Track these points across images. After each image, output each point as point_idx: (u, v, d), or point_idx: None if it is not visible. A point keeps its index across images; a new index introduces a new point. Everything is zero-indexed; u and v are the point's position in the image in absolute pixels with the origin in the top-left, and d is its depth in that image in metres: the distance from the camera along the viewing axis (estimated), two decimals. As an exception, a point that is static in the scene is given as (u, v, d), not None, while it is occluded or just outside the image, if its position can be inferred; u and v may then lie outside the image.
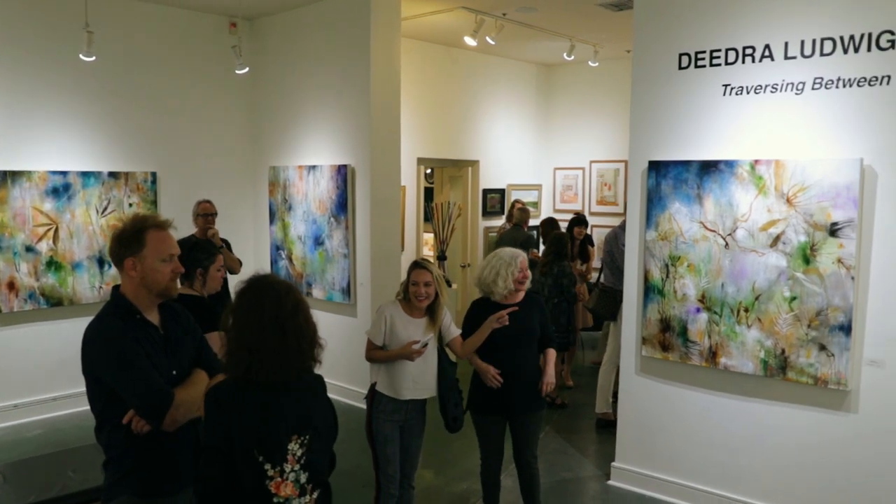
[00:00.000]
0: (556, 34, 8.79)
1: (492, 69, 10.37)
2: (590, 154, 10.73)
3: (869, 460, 4.37)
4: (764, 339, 4.60)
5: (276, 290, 2.45)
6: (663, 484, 5.22)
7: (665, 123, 5.04)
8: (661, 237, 4.98)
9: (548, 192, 11.22)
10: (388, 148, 7.23)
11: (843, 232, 4.27)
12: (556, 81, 11.16)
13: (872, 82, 4.23)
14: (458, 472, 5.77)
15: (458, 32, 8.45)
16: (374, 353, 4.25)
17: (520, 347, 4.40)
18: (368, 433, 4.31)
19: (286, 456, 2.40)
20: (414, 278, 4.20)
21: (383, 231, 7.23)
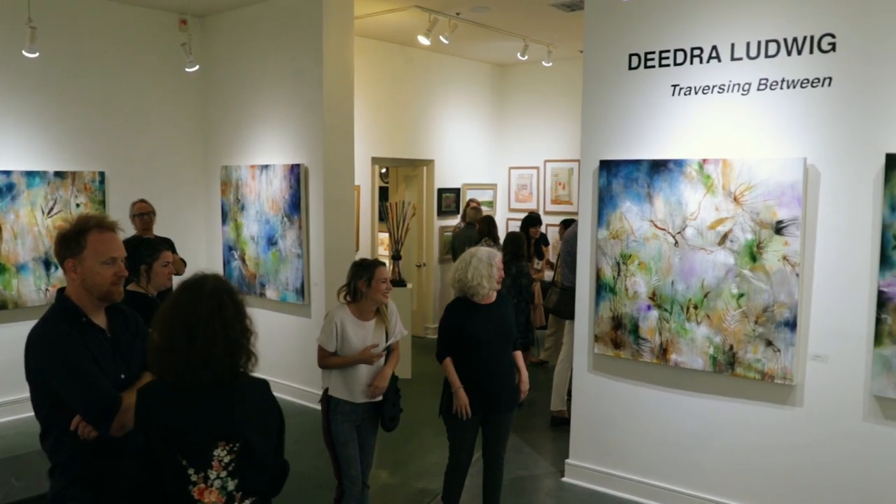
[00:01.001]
0: (509, 34, 8.83)
1: (446, 68, 10.37)
2: (544, 153, 10.80)
3: (813, 452, 4.48)
4: (713, 335, 4.68)
5: (211, 295, 2.38)
6: (617, 480, 5.28)
7: (616, 123, 5.09)
8: (613, 236, 5.04)
9: (503, 192, 11.27)
10: (342, 147, 7.19)
11: (788, 230, 4.37)
12: (511, 81, 11.20)
13: (815, 84, 4.33)
14: (413, 471, 5.76)
15: (412, 31, 8.43)
16: (330, 360, 4.20)
17: (501, 348, 4.44)
18: (327, 437, 4.26)
19: (211, 462, 2.33)
20: (380, 276, 4.20)
21: (337, 231, 7.19)
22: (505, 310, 4.52)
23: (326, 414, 4.25)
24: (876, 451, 4.26)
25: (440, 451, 6.11)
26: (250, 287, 7.71)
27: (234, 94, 7.82)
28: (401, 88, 9.75)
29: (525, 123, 11.02)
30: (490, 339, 4.40)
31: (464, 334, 4.39)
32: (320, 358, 4.23)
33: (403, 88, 9.79)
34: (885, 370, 4.12)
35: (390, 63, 9.58)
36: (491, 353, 4.40)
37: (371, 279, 4.18)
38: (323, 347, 4.21)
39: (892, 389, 4.10)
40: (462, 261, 4.46)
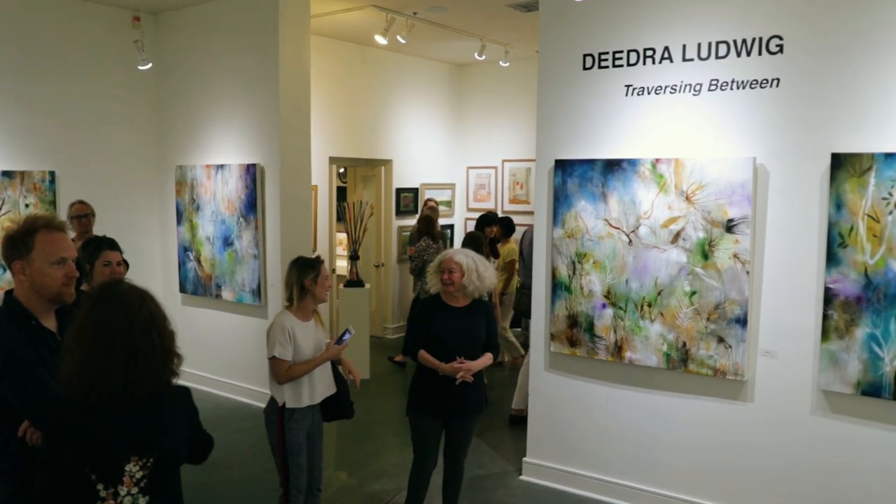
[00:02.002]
0: (467, 34, 8.85)
1: (404, 68, 10.35)
2: (502, 153, 10.84)
3: (764, 445, 4.56)
4: (666, 332, 4.74)
5: (128, 306, 2.29)
6: (574, 477, 5.32)
7: (570, 123, 5.13)
8: (568, 235, 5.07)
9: (461, 191, 11.29)
10: (299, 147, 7.13)
11: (739, 228, 4.44)
12: (469, 81, 11.23)
13: (763, 84, 4.41)
14: (371, 473, 5.74)
15: (369, 31, 8.40)
16: (294, 370, 4.05)
17: (466, 352, 4.33)
18: (280, 448, 4.15)
19: (122, 478, 2.26)
20: (325, 272, 4.19)
21: (294, 231, 7.13)
22: (476, 316, 4.41)
23: (280, 426, 4.13)
24: (823, 443, 4.36)
25: (398, 452, 6.11)
26: (206, 288, 7.62)
27: (188, 93, 7.71)
28: (359, 88, 9.71)
29: (483, 123, 11.05)
30: (455, 343, 4.30)
31: (431, 333, 4.33)
32: (281, 373, 4.03)
33: (361, 88, 9.75)
34: (831, 365, 4.21)
35: (348, 62, 9.53)
36: (449, 355, 4.29)
37: (318, 276, 4.14)
38: (282, 359, 4.03)
39: (838, 383, 4.20)
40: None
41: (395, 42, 8.41)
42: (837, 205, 4.13)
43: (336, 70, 9.33)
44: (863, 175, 4.05)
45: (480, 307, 4.44)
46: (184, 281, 7.86)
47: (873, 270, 4.05)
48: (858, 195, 4.07)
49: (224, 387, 7.55)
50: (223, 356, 7.52)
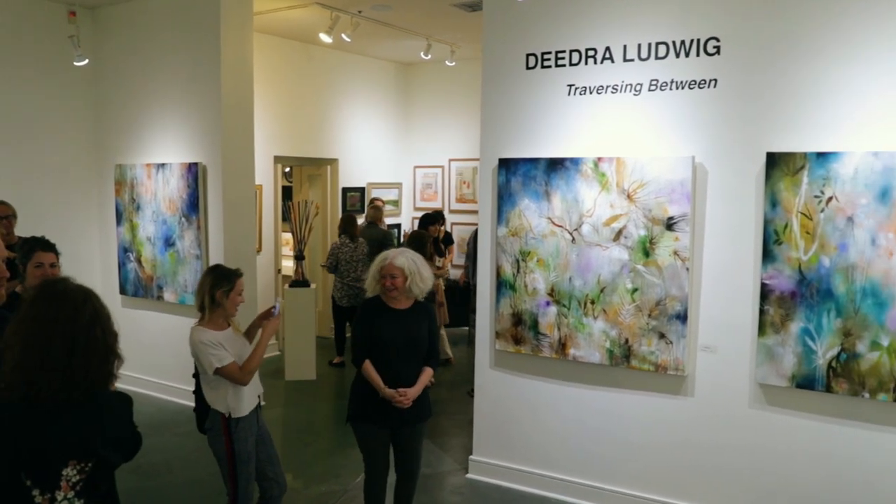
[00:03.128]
0: (412, 33, 8.84)
1: (350, 67, 10.29)
2: (449, 152, 10.86)
3: (704, 438, 4.65)
4: (609, 329, 4.80)
5: (72, 301, 2.24)
6: (520, 474, 5.35)
7: (514, 122, 5.15)
8: (512, 233, 5.10)
9: (408, 191, 11.27)
10: (242, 145, 7.03)
11: (679, 226, 4.52)
12: (415, 80, 11.22)
13: (702, 85, 4.50)
14: (316, 475, 5.68)
15: (314, 29, 8.33)
16: (248, 363, 3.94)
17: (410, 356, 4.22)
18: (230, 458, 4.03)
19: (59, 482, 2.20)
20: (239, 287, 4.02)
21: (237, 231, 7.03)
22: (420, 319, 4.28)
23: (228, 436, 4.01)
24: (761, 435, 4.47)
25: (343, 453, 6.07)
26: (147, 290, 7.45)
27: (128, 90, 7.53)
28: (304, 86, 9.62)
29: (430, 122, 11.06)
30: (399, 346, 4.17)
31: (374, 336, 4.17)
32: (239, 375, 3.91)
33: (307, 86, 9.66)
34: (767, 359, 4.32)
35: (292, 60, 9.43)
36: (400, 362, 4.18)
37: (231, 290, 3.97)
38: (228, 364, 3.90)
39: (774, 377, 4.31)
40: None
41: (340, 40, 8.36)
42: (772, 203, 4.23)
43: (280, 68, 9.23)
44: (796, 174, 4.15)
45: (423, 309, 4.33)
46: (124, 282, 7.68)
47: (807, 266, 4.16)
48: (792, 193, 4.18)
49: (166, 390, 7.40)
50: (165, 359, 7.36)
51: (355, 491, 5.35)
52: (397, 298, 4.23)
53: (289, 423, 6.97)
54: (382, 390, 4.11)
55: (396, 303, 4.24)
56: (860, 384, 4.08)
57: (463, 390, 7.52)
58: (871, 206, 3.97)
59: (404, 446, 4.33)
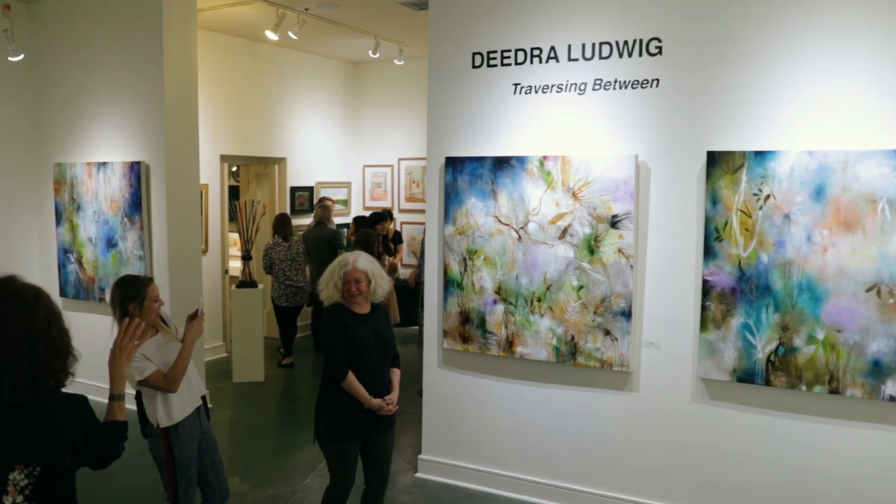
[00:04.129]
0: (360, 31, 8.79)
1: (298, 65, 10.20)
2: (398, 151, 10.83)
3: (650, 433, 4.72)
4: (555, 326, 4.83)
5: (24, 300, 2.20)
6: (469, 472, 5.36)
7: (460, 120, 5.16)
8: (459, 231, 5.10)
9: (357, 190, 11.21)
10: (186, 144, 6.89)
11: (623, 224, 4.58)
12: (364, 79, 11.16)
13: (644, 85, 4.56)
14: (263, 477, 5.61)
15: (260, 26, 8.22)
16: (170, 372, 3.84)
17: (383, 360, 4.12)
18: (169, 463, 3.93)
19: (6, 487, 2.15)
20: (152, 294, 3.89)
21: (182, 231, 6.89)
22: (383, 321, 4.19)
23: (167, 441, 3.90)
24: (703, 429, 4.55)
25: (290, 455, 6.01)
26: (88, 292, 7.28)
27: (67, 87, 7.33)
28: (251, 84, 9.49)
29: (379, 121, 11.01)
30: (373, 351, 4.03)
31: (350, 344, 3.98)
32: (164, 382, 3.81)
33: (253, 84, 9.54)
34: (709, 354, 4.40)
35: (238, 58, 9.30)
36: (376, 367, 4.06)
37: (143, 300, 3.85)
38: (151, 374, 3.80)
39: (716, 371, 4.39)
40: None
41: (286, 38, 8.27)
42: (713, 200, 4.31)
43: (226, 66, 9.10)
44: (735, 172, 4.24)
45: (382, 311, 4.25)
46: (64, 284, 7.48)
47: (746, 263, 4.25)
48: (732, 191, 4.26)
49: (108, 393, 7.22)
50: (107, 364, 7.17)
51: (304, 493, 5.31)
52: (360, 302, 4.08)
53: (236, 425, 6.87)
54: (370, 402, 3.96)
55: (360, 307, 4.09)
56: (797, 377, 4.18)
57: (412, 390, 7.51)
58: (806, 203, 4.07)
59: (378, 452, 4.19)
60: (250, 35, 9.07)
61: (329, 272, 4.10)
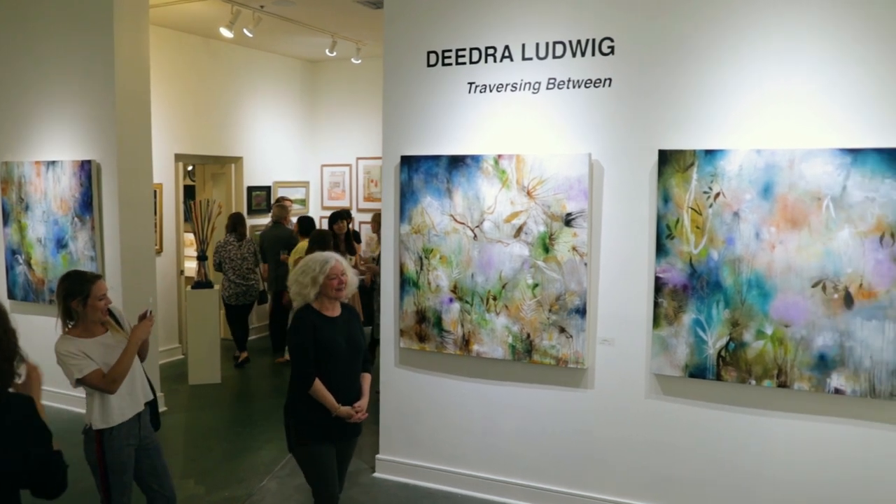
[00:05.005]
0: (317, 30, 8.73)
1: (254, 63, 10.09)
2: (356, 151, 10.79)
3: (605, 429, 4.77)
4: (511, 324, 4.85)
5: None
6: (427, 471, 5.35)
7: (416, 119, 5.15)
8: (415, 230, 5.10)
9: (315, 190, 11.14)
10: (139, 143, 6.78)
11: (577, 222, 4.61)
12: (322, 78, 11.09)
13: (597, 84, 4.60)
14: (219, 480, 5.54)
15: (214, 23, 8.13)
16: (110, 372, 3.74)
17: (353, 364, 4.02)
18: (101, 467, 3.85)
19: None
20: (98, 293, 3.79)
21: (135, 231, 6.77)
22: (355, 323, 4.10)
23: (100, 445, 3.83)
24: (657, 424, 4.61)
25: (247, 457, 5.96)
26: (38, 294, 7.12)
27: (13, 83, 7.15)
28: (206, 82, 9.37)
29: (337, 121, 10.96)
30: (345, 357, 3.94)
31: (319, 348, 3.88)
32: (103, 382, 3.72)
33: (209, 82, 9.42)
34: (662, 350, 4.46)
35: (193, 55, 9.17)
36: (347, 372, 3.97)
37: (87, 297, 3.75)
38: (90, 373, 3.71)
39: (668, 367, 4.45)
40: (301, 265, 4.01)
41: (242, 36, 8.19)
42: (665, 198, 4.37)
43: (181, 63, 8.97)
44: (686, 170, 4.30)
45: (354, 313, 4.16)
46: (12, 286, 7.31)
47: (697, 260, 4.32)
48: (683, 189, 4.32)
49: (59, 398, 7.07)
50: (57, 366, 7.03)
51: (260, 495, 5.26)
52: (329, 305, 3.98)
53: (191, 427, 6.78)
54: (337, 410, 3.87)
55: (331, 310, 3.99)
56: (747, 372, 4.26)
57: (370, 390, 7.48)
58: (754, 201, 4.15)
59: (344, 458, 4.15)
60: (205, 32, 8.96)
61: (303, 270, 3.95)
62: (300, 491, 5.26)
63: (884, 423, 4.08)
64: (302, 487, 5.27)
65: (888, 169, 3.85)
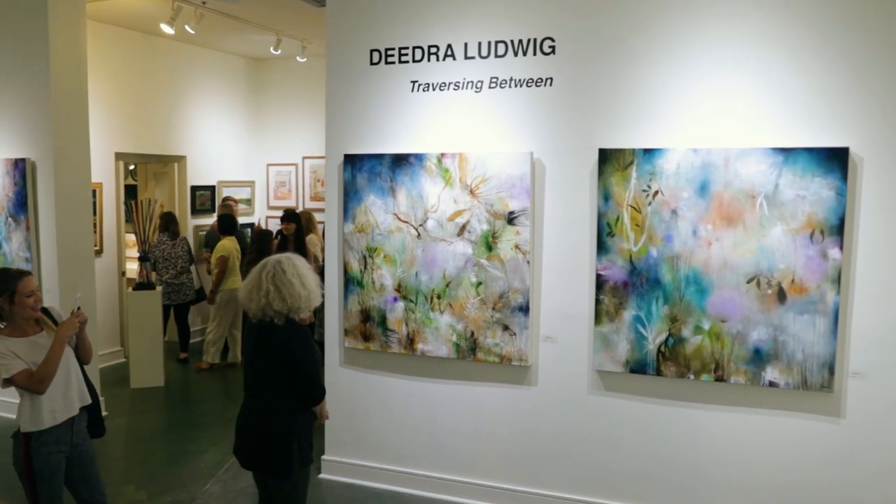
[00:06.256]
0: (261, 27, 8.63)
1: (197, 60, 9.93)
2: (303, 150, 10.69)
3: (549, 425, 4.81)
4: (455, 323, 4.86)
5: None
6: (373, 471, 5.33)
7: (359, 118, 5.13)
8: (359, 229, 5.07)
9: (261, 189, 11.01)
10: (76, 141, 6.61)
11: (519, 220, 4.64)
12: (267, 76, 10.96)
13: (539, 83, 4.64)
14: (161, 485, 5.44)
15: (155, 19, 7.97)
16: (37, 372, 3.64)
17: None
18: (27, 472, 3.74)
19: None
20: (24, 289, 3.70)
21: (73, 232, 6.60)
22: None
23: (26, 450, 3.72)
24: (599, 419, 4.67)
25: (189, 461, 5.87)
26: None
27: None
28: (147, 80, 9.18)
29: (283, 119, 10.84)
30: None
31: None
32: (30, 382, 3.63)
33: (150, 80, 9.23)
34: (604, 346, 4.51)
35: (134, 52, 8.98)
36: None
37: (14, 295, 3.68)
38: (18, 372, 3.63)
39: (610, 363, 4.51)
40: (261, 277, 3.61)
41: (184, 33, 8.05)
42: (605, 197, 4.43)
43: (121, 59, 8.77)
44: (626, 169, 4.36)
45: None
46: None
47: (637, 257, 4.38)
48: (623, 187, 4.38)
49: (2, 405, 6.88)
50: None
51: (203, 499, 5.18)
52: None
53: (133, 432, 6.64)
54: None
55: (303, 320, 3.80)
56: (686, 366, 4.34)
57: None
58: (692, 199, 4.23)
59: None
60: (146, 28, 8.78)
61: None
62: (244, 495, 5.20)
63: (815, 414, 4.20)
64: (246, 491, 5.22)
65: (818, 168, 3.97)
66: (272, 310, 3.56)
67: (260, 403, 3.68)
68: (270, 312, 3.57)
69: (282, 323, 3.58)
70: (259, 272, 3.62)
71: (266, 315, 3.58)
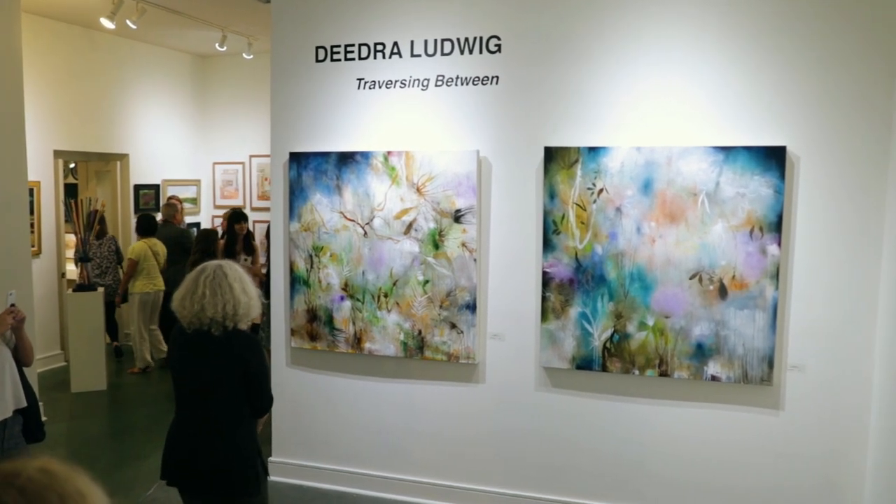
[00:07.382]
0: (205, 23, 8.48)
1: (140, 56, 9.71)
2: (250, 148, 10.54)
3: (497, 423, 4.82)
4: (403, 321, 4.85)
5: None
6: (322, 472, 5.28)
7: (305, 115, 5.07)
8: (305, 228, 5.02)
9: (207, 188, 10.83)
10: (11, 138, 6.39)
11: (466, 218, 4.65)
12: (213, 73, 10.78)
13: (485, 81, 4.65)
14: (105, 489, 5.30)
15: (95, 13, 7.76)
16: None
17: None
18: None
19: None
20: None
21: (8, 232, 6.38)
22: None
23: None
24: (547, 416, 4.70)
25: (133, 465, 5.74)
26: None
27: None
28: (88, 76, 8.94)
29: (229, 117, 10.67)
30: None
31: None
32: None
33: (91, 76, 8.99)
34: (550, 343, 4.54)
35: (73, 47, 8.74)
36: None
37: None
38: None
39: (556, 360, 4.54)
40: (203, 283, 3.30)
41: (126, 28, 7.86)
42: (551, 194, 4.46)
43: (59, 55, 8.53)
44: (571, 167, 4.40)
45: None
46: None
47: (582, 254, 4.42)
48: (568, 185, 4.42)
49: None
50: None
51: None
52: None
53: (74, 436, 6.47)
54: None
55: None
56: (631, 362, 4.39)
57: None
58: (635, 197, 4.28)
59: None
60: (85, 22, 8.55)
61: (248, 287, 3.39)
62: None
63: (756, 407, 4.29)
64: (190, 494, 5.11)
65: (757, 166, 4.05)
66: (207, 317, 3.24)
67: (205, 415, 3.34)
68: (206, 320, 3.25)
69: (219, 333, 3.27)
70: (196, 277, 3.31)
71: (202, 323, 3.26)
